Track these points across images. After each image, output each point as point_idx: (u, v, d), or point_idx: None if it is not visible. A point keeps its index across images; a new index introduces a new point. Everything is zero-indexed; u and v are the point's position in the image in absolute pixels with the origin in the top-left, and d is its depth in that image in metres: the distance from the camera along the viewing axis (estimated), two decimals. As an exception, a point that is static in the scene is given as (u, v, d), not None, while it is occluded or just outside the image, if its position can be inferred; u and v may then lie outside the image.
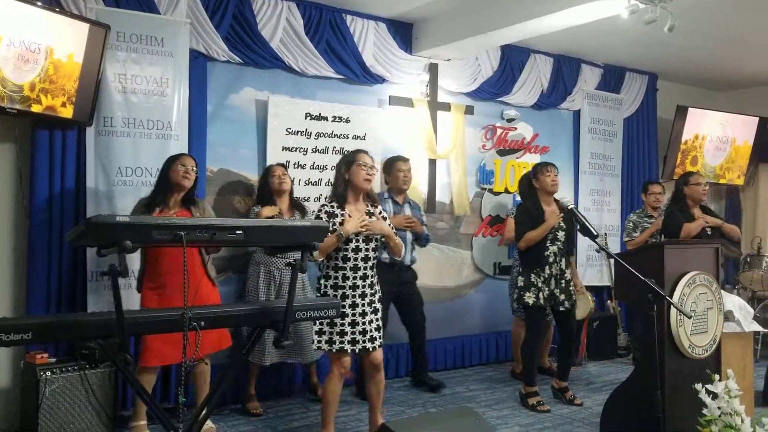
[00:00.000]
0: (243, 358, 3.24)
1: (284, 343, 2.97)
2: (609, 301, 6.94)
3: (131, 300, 4.19)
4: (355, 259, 3.87)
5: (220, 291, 4.78)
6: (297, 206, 4.86)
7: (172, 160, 4.15)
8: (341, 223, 3.83)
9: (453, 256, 6.25)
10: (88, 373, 3.99)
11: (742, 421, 3.57)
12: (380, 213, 4.09)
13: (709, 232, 5.33)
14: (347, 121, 5.50)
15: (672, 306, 3.83)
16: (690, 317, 3.96)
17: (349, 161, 3.95)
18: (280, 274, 4.68)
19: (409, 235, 5.18)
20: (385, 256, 4.79)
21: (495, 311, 6.44)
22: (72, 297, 4.39)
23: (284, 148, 5.19)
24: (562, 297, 4.89)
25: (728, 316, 4.51)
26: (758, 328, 4.93)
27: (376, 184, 4.87)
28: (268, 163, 5.05)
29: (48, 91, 4.09)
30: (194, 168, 4.16)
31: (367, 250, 3.91)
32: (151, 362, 3.96)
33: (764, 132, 7.98)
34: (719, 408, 3.60)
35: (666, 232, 5.50)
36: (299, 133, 5.27)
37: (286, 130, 5.21)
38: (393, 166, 5.26)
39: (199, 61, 4.83)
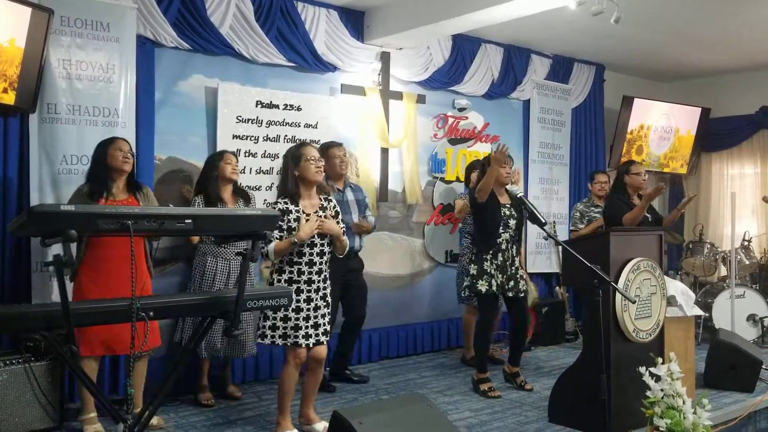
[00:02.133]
0: (193, 348, 3.21)
1: (235, 332, 2.96)
2: (557, 288, 7.08)
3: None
4: (311, 254, 3.89)
5: (163, 283, 4.76)
6: (241, 194, 4.78)
7: (106, 145, 4.04)
8: (296, 219, 3.84)
9: (405, 245, 6.28)
10: (33, 366, 3.90)
11: (684, 403, 3.70)
12: (334, 206, 4.12)
13: (650, 219, 5.43)
14: (299, 109, 5.46)
15: (617, 291, 3.94)
16: (634, 302, 4.08)
17: (296, 157, 3.94)
18: (227, 264, 4.62)
19: (355, 219, 5.09)
20: None
21: (447, 299, 6.50)
22: (15, 288, 4.28)
23: (235, 136, 5.14)
24: (512, 283, 4.95)
25: (671, 301, 4.65)
26: (699, 312, 5.10)
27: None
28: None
29: (-12, 77, 3.96)
30: (131, 150, 4.09)
31: (322, 245, 3.93)
32: (96, 351, 3.87)
33: (706, 122, 8.23)
34: (662, 390, 3.72)
35: (607, 221, 5.59)
36: (250, 121, 5.21)
37: (237, 117, 5.15)
38: (326, 152, 5.01)
39: (146, 47, 4.73)
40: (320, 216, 3.93)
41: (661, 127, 8.07)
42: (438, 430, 3.28)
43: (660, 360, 3.82)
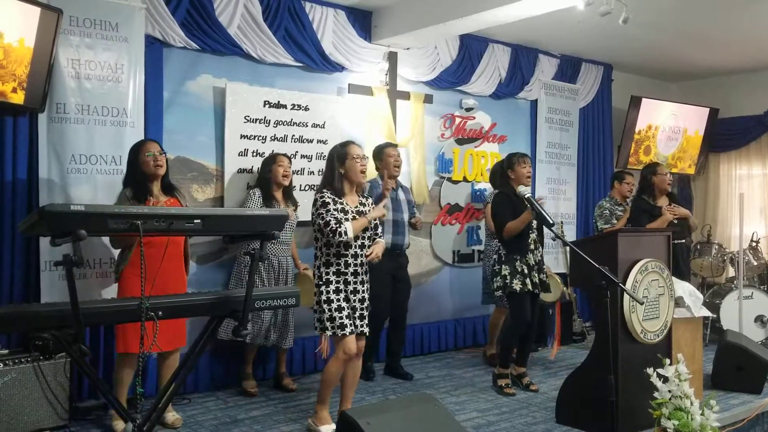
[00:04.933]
0: (202, 348, 3.22)
1: (243, 332, 2.97)
2: (565, 288, 7.05)
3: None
4: (355, 247, 4.00)
5: (209, 278, 4.93)
6: (291, 198, 4.95)
7: (137, 150, 4.10)
8: (343, 210, 3.94)
9: (412, 245, 6.24)
10: (43, 365, 3.91)
11: (692, 404, 3.69)
12: (371, 204, 4.22)
13: (675, 222, 5.46)
14: (306, 109, 5.47)
15: (625, 292, 3.93)
16: (642, 303, 4.07)
17: (342, 156, 4.03)
18: (278, 261, 4.79)
19: (406, 217, 5.32)
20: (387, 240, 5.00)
21: (454, 299, 6.51)
22: (25, 288, 4.30)
23: (242, 136, 5.15)
24: (541, 283, 5.01)
25: (679, 302, 4.64)
26: (707, 313, 5.08)
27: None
28: (227, 151, 5.06)
29: (-2, 77, 3.98)
30: (161, 152, 4.12)
31: (364, 238, 4.06)
32: (134, 348, 3.90)
33: (714, 122, 8.20)
34: (670, 391, 3.71)
35: (633, 222, 5.63)
36: (258, 121, 5.22)
37: (245, 117, 5.16)
38: (383, 152, 5.30)
39: (155, 47, 4.74)
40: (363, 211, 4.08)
41: (669, 127, 8.04)
42: (446, 430, 3.28)
43: (668, 361, 3.82)
